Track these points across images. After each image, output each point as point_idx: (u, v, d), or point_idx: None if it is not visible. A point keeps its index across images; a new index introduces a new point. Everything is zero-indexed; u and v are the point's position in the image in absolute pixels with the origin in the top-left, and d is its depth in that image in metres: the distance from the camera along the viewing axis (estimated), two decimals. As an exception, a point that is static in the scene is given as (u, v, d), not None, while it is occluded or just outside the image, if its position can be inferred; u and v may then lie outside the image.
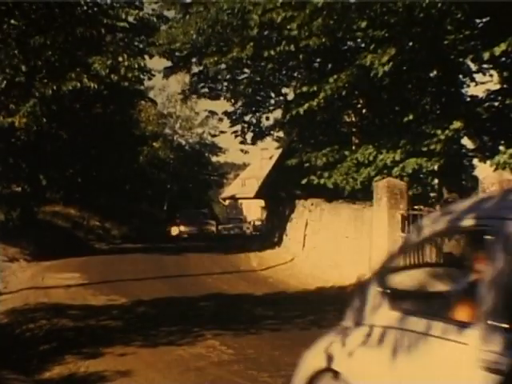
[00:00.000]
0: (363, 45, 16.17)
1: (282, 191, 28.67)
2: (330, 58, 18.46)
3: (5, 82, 11.72)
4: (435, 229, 3.86)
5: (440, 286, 3.98)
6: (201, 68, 26.19)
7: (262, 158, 56.09)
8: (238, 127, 27.41)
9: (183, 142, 56.31)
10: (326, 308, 11.80)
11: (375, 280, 4.14)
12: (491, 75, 17.68)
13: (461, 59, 16.05)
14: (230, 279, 16.66)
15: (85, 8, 12.78)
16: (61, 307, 11.93)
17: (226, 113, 27.67)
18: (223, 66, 24.43)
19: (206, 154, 58.18)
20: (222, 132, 47.86)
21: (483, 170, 15.94)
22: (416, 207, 14.21)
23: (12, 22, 11.56)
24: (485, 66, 16.89)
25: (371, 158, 15.93)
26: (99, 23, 13.01)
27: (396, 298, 3.96)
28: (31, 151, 26.12)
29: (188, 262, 21.15)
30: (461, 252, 4.73)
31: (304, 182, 17.68)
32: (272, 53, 17.38)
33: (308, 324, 10.27)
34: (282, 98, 26.14)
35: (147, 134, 43.68)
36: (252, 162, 69.18)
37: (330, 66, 18.45)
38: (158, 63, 56.38)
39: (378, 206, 14.01)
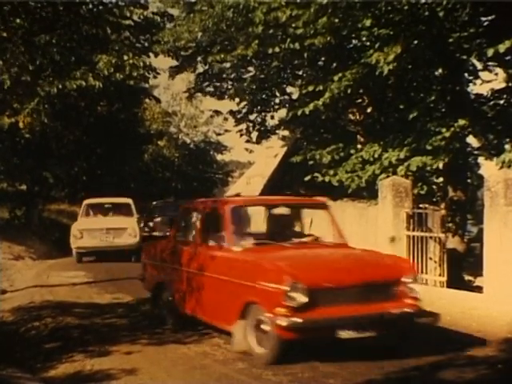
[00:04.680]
0: (368, 43, 16.12)
1: (287, 189, 28.67)
2: (335, 56, 18.42)
3: (8, 81, 11.72)
4: None
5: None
6: (206, 67, 26.22)
7: (267, 156, 55.97)
8: (243, 126, 27.42)
9: (188, 141, 56.19)
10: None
11: None
12: (496, 74, 17.65)
13: (466, 57, 16.01)
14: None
15: (90, 6, 12.80)
16: (66, 305, 11.96)
17: (230, 112, 27.68)
18: (228, 64, 24.46)
19: (211, 153, 58.01)
20: (226, 131, 47.77)
21: (488, 169, 15.91)
22: (421, 206, 14.23)
23: (17, 20, 11.58)
24: (490, 63, 16.85)
25: (376, 156, 15.92)
26: (104, 22, 13.02)
27: None
28: (36, 149, 26.19)
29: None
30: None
31: (308, 178, 17.65)
32: (277, 49, 17.39)
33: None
34: (286, 97, 26.11)
35: (152, 132, 43.64)
36: (257, 160, 69.03)
37: (334, 64, 18.40)
38: (162, 62, 56.44)
39: (383, 205, 14.02)
